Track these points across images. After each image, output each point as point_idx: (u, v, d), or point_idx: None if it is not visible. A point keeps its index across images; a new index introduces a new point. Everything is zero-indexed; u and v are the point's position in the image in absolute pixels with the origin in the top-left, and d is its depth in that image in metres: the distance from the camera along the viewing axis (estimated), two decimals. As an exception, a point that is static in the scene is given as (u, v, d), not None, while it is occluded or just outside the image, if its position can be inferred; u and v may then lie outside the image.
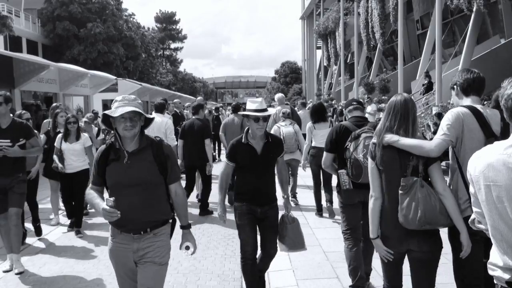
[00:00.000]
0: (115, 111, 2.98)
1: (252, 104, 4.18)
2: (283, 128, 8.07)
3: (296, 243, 4.32)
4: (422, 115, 14.43)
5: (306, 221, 7.19)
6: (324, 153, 4.58)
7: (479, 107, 3.09)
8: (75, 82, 18.46)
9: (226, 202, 7.85)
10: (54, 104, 8.91)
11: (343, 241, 4.49)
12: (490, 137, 2.94)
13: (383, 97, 20.79)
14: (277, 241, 4.31)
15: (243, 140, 4.17)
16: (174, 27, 65.39)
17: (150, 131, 3.98)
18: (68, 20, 35.15)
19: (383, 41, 24.42)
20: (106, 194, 3.08)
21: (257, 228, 4.26)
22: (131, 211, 2.96)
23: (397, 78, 20.91)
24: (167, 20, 64.92)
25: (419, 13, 25.10)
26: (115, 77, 23.06)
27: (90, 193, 3.10)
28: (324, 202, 7.51)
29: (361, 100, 6.64)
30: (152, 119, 3.22)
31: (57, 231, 7.12)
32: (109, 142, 3.15)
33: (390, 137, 3.06)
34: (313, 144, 7.61)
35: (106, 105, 26.91)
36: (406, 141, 3.01)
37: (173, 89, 46.69)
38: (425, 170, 3.04)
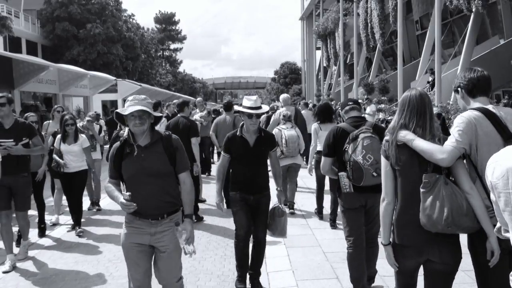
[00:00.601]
0: (126, 109, 3.30)
1: (248, 101, 4.55)
2: (286, 132, 7.71)
3: (279, 232, 4.78)
4: None
5: (306, 222, 7.19)
6: (322, 158, 4.39)
7: (490, 107, 2.81)
8: (74, 82, 18.48)
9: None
10: (56, 106, 9.01)
11: (342, 242, 4.50)
12: (508, 138, 2.70)
13: (383, 98, 20.79)
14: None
15: (237, 133, 4.61)
16: (173, 27, 65.37)
17: None
18: (67, 21, 35.13)
19: (382, 41, 24.42)
20: (122, 187, 3.45)
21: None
22: (148, 199, 3.30)
23: (396, 79, 20.92)
24: (166, 21, 64.90)
25: (419, 14, 25.11)
26: (114, 78, 23.07)
27: (109, 186, 3.43)
28: (324, 208, 7.30)
29: (358, 99, 6.32)
30: (161, 117, 3.67)
31: (57, 231, 7.11)
32: (123, 139, 3.43)
33: (406, 134, 2.83)
34: (318, 148, 6.98)
35: (106, 105, 26.95)
36: (419, 144, 2.76)
37: (172, 89, 46.72)
38: (447, 168, 2.78)
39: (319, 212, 7.45)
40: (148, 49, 44.73)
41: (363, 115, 4.62)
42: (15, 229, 5.98)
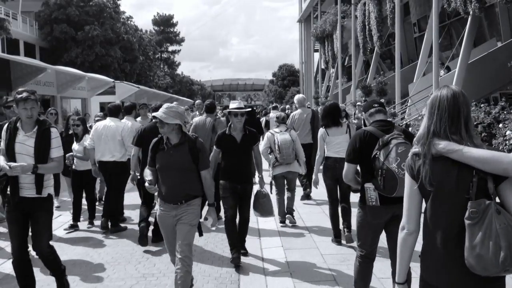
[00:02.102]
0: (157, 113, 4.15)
1: (233, 104, 5.61)
2: (278, 136, 6.92)
3: (265, 212, 5.94)
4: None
5: (304, 224, 7.19)
6: (346, 164, 3.99)
7: None
8: (72, 84, 18.44)
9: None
10: (49, 109, 9.00)
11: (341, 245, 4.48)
12: None
13: (380, 100, 20.81)
14: (251, 209, 5.81)
15: (227, 132, 5.55)
16: (171, 30, 65.41)
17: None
18: (65, 22, 35.14)
19: (380, 44, 24.47)
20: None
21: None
22: (172, 188, 4.15)
23: (394, 81, 20.96)
24: (164, 23, 64.94)
25: (416, 16, 25.16)
26: (112, 80, 23.01)
27: (146, 171, 4.33)
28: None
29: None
30: (183, 124, 4.26)
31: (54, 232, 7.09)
32: (160, 136, 4.23)
33: (446, 145, 2.22)
34: (327, 154, 6.23)
35: (104, 107, 26.89)
36: (475, 153, 2.15)
37: (170, 91, 46.67)
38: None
39: (336, 236, 6.12)
40: (146, 51, 44.74)
41: (389, 119, 4.18)
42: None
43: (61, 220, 7.75)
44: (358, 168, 4.02)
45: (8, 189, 4.23)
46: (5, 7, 29.64)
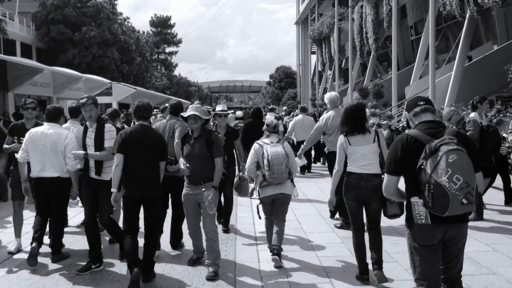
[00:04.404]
0: (187, 113, 5.17)
1: (218, 107, 7.23)
2: (269, 148, 5.41)
3: (243, 192, 6.52)
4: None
5: (300, 226, 7.19)
6: (386, 176, 3.37)
7: None
8: (69, 85, 18.43)
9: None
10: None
11: (337, 246, 4.43)
12: None
13: (375, 103, 20.83)
14: (233, 190, 6.68)
15: (214, 129, 6.38)
16: (169, 31, 65.34)
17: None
18: (62, 23, 35.08)
19: (376, 46, 24.55)
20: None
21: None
22: (194, 171, 5.12)
23: (391, 84, 21.02)
24: (162, 24, 64.90)
25: (413, 19, 25.25)
26: (109, 81, 22.99)
27: (180, 159, 5.30)
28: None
29: (428, 97, 3.97)
30: (208, 119, 5.41)
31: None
32: (188, 129, 5.32)
33: None
34: (349, 169, 4.88)
35: (101, 108, 26.81)
36: None
37: (167, 93, 46.65)
38: None
39: (362, 272, 4.86)
40: (143, 52, 44.71)
41: (437, 119, 3.44)
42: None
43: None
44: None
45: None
46: (2, 8, 29.57)
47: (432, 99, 16.04)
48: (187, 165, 5.14)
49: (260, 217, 5.75)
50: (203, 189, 5.09)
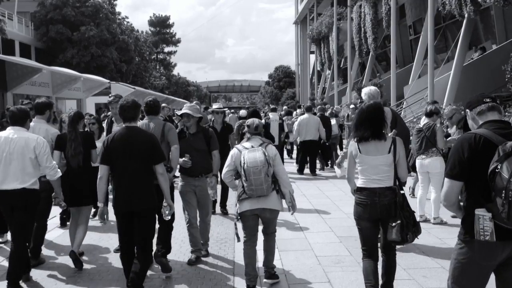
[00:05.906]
0: (181, 111, 5.65)
1: (215, 105, 8.62)
2: (246, 154, 4.51)
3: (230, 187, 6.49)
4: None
5: (298, 224, 7.20)
6: (447, 181, 2.90)
7: None
8: (68, 85, 18.40)
9: (218, 211, 7.83)
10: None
11: (335, 246, 4.42)
12: None
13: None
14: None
15: (211, 125, 7.80)
16: (167, 31, 65.27)
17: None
18: (61, 23, 35.02)
19: (375, 46, 24.56)
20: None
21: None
22: (193, 164, 5.47)
23: (390, 83, 21.03)
24: (161, 24, 64.82)
25: (412, 19, 25.26)
26: (108, 81, 22.97)
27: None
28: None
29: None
30: (201, 117, 5.77)
31: (50, 234, 7.06)
32: (181, 128, 5.75)
33: None
34: (359, 183, 4.15)
35: (100, 108, 26.82)
36: None
37: (166, 92, 46.60)
38: None
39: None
40: (142, 52, 44.67)
41: (502, 118, 3.01)
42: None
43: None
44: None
45: None
46: (1, 8, 29.50)
47: (431, 99, 16.07)
48: (189, 157, 5.47)
49: (238, 239, 4.80)
50: (207, 177, 5.60)
